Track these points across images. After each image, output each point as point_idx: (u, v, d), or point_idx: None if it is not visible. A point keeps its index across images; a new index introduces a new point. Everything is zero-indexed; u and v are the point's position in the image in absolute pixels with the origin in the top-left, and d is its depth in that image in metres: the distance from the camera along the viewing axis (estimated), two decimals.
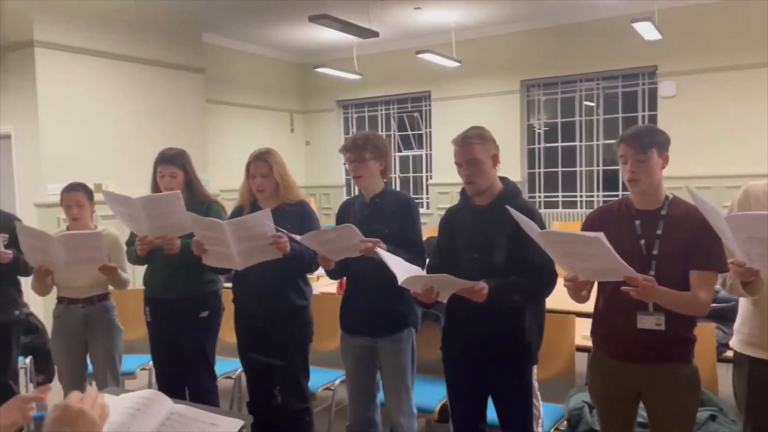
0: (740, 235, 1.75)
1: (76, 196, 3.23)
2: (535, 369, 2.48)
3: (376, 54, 9.42)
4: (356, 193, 2.92)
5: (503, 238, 2.35)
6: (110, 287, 3.34)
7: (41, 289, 3.20)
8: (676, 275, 2.02)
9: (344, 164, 2.78)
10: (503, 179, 2.51)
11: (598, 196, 8.75)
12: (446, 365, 2.55)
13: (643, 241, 2.11)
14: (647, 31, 6.85)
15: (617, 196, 8.63)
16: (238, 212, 3.02)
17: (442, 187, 9.22)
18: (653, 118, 8.09)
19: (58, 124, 5.53)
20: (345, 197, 10.61)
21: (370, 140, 2.73)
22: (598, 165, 8.72)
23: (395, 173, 10.16)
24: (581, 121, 8.78)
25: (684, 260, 2.04)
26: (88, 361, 3.39)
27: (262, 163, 2.92)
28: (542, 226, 2.39)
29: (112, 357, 3.33)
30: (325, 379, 3.35)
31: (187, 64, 6.78)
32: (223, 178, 7.17)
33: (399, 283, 2.24)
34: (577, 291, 2.06)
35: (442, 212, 2.73)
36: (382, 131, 10.33)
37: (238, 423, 1.40)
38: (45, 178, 5.44)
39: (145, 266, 3.28)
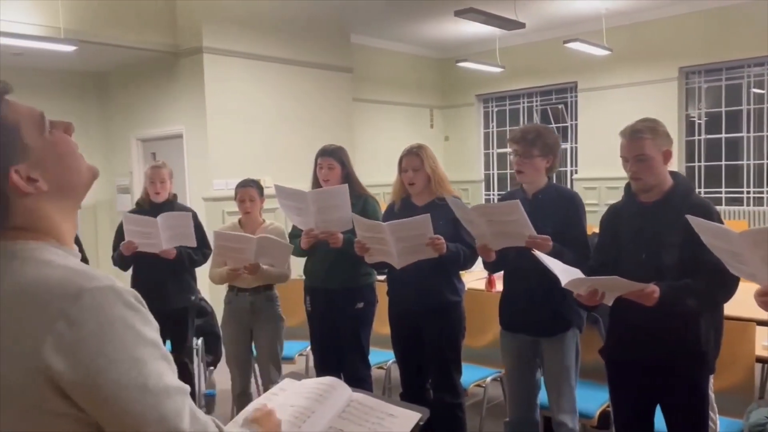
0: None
1: (250, 192, 3.49)
2: (711, 379, 2.29)
3: (520, 45, 9.20)
4: (496, 188, 2.87)
5: (675, 238, 2.19)
6: None
7: (221, 281, 3.50)
8: None
9: (509, 155, 2.72)
10: (674, 174, 2.35)
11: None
12: (611, 370, 2.44)
13: None
14: None
15: None
16: (390, 208, 3.09)
17: (588, 182, 8.82)
18: None
19: (223, 123, 5.98)
20: (484, 193, 10.50)
21: (541, 136, 2.65)
22: None
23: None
24: (749, 110, 7.99)
25: None
26: (253, 346, 3.64)
27: (414, 157, 2.97)
28: (720, 223, 2.21)
29: (274, 344, 3.55)
30: (476, 376, 3.33)
31: (336, 64, 7.05)
32: (366, 173, 7.38)
33: (563, 284, 2.17)
34: None
35: (589, 209, 2.59)
36: (523, 124, 10.07)
37: (416, 416, 1.43)
38: (211, 174, 5.91)
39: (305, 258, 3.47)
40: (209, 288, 4.51)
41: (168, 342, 3.70)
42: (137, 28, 5.78)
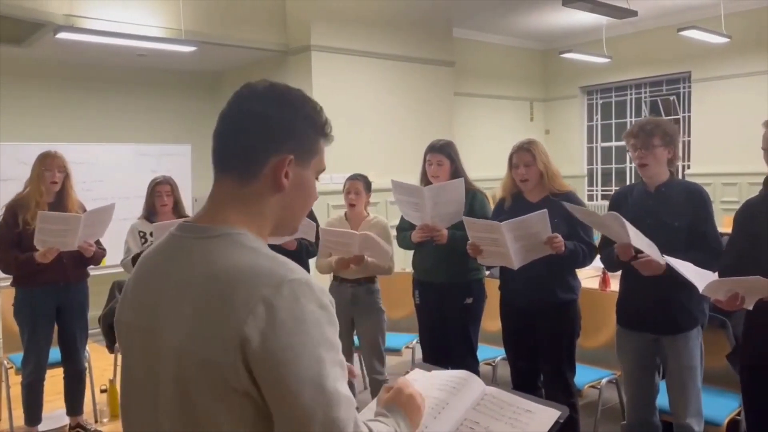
0: None
1: (356, 185, 3.57)
2: None
3: (628, 35, 8.80)
4: (600, 183, 2.78)
5: None
6: None
7: (329, 271, 3.63)
8: None
9: (627, 151, 2.63)
10: None
11: None
12: (745, 377, 2.30)
13: None
14: None
15: None
16: (500, 205, 3.06)
17: (701, 178, 8.30)
18: None
19: (330, 119, 6.13)
20: (587, 188, 10.15)
21: (659, 126, 2.56)
22: None
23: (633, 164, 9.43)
24: None
25: None
26: (355, 336, 3.72)
27: (525, 153, 2.92)
28: None
29: (375, 335, 3.61)
30: (590, 377, 3.24)
31: (438, 59, 7.04)
32: (467, 167, 7.32)
33: (701, 291, 2.07)
34: None
35: None
36: (630, 117, 9.66)
37: (555, 413, 1.41)
38: None
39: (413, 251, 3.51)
40: (315, 278, 4.65)
41: None
42: (251, 28, 6.03)
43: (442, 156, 3.32)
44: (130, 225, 3.65)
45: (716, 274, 2.30)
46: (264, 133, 1.02)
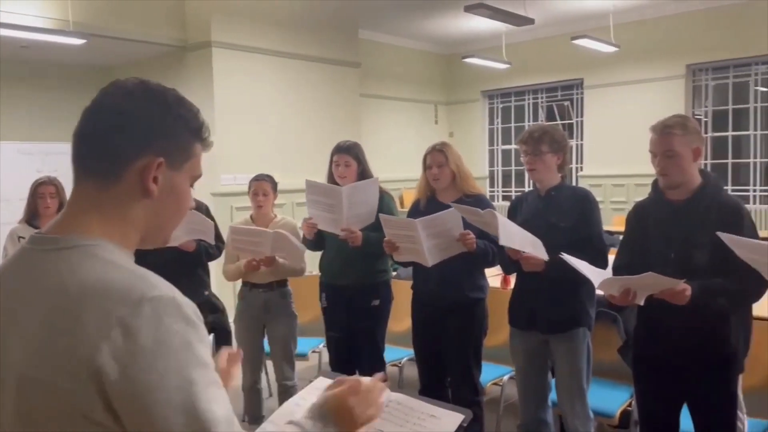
0: None
1: (264, 186, 3.46)
2: (740, 378, 2.27)
3: (526, 42, 9.17)
4: (500, 184, 2.88)
5: (705, 237, 2.16)
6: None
7: (237, 277, 3.47)
8: None
9: (521, 156, 2.73)
10: (703, 172, 2.32)
11: None
12: (637, 369, 2.41)
13: None
14: None
15: None
16: (416, 205, 3.08)
17: (593, 179, 8.80)
18: None
19: (231, 118, 5.94)
20: (488, 189, 10.48)
21: (548, 133, 2.65)
22: None
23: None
24: (756, 107, 7.98)
25: None
26: (265, 342, 3.61)
27: (438, 154, 2.97)
28: (751, 224, 2.20)
29: (287, 341, 3.52)
30: (493, 374, 3.31)
31: (344, 59, 7.01)
32: (372, 169, 7.35)
33: (596, 286, 2.15)
34: None
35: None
36: (528, 121, 10.07)
37: (459, 417, 1.40)
38: (219, 169, 5.87)
39: (320, 253, 3.45)
40: (218, 285, 4.48)
41: None
42: (146, 22, 5.74)
43: (350, 157, 3.29)
44: (10, 229, 3.36)
45: (610, 271, 2.41)
46: (129, 132, 0.91)
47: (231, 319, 3.76)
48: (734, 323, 2.19)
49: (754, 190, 8.07)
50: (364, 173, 3.31)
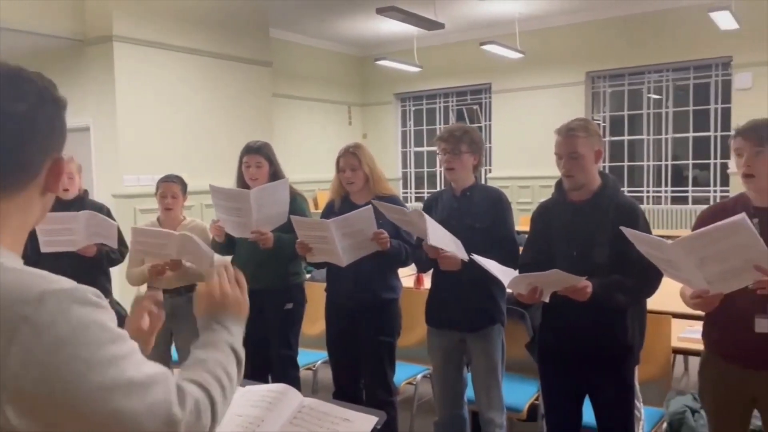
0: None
1: (173, 188, 3.32)
2: (636, 370, 2.40)
3: (437, 46, 9.35)
4: (413, 186, 2.93)
5: (605, 236, 2.27)
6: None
7: (141, 281, 3.31)
8: None
9: (437, 154, 2.77)
10: (602, 174, 2.43)
11: (666, 191, 8.50)
12: (542, 364, 2.50)
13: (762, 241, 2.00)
14: (724, 20, 6.57)
15: (686, 192, 8.37)
16: (330, 206, 3.06)
17: (501, 181, 9.08)
18: (726, 111, 7.81)
19: (134, 117, 5.68)
20: (402, 191, 10.61)
21: (467, 133, 2.70)
22: (666, 160, 8.46)
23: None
24: (649, 114, 8.52)
25: None
26: (173, 350, 3.47)
27: (351, 157, 2.95)
28: (646, 223, 2.33)
29: None
30: (407, 374, 3.34)
31: (256, 58, 6.87)
32: (285, 170, 7.25)
33: (506, 285, 2.21)
34: (709, 307, 1.95)
35: None
36: (439, 124, 10.27)
37: (373, 420, 1.40)
38: (121, 170, 5.60)
39: (230, 257, 3.35)
40: (121, 292, 4.27)
41: None
42: (40, 13, 5.37)
43: (261, 157, 3.22)
44: None
45: (517, 270, 2.48)
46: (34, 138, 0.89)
47: None
48: (630, 318, 2.31)
49: (648, 191, 8.62)
50: (276, 174, 3.25)
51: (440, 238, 2.51)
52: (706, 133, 8.09)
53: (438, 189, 10.15)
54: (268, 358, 3.26)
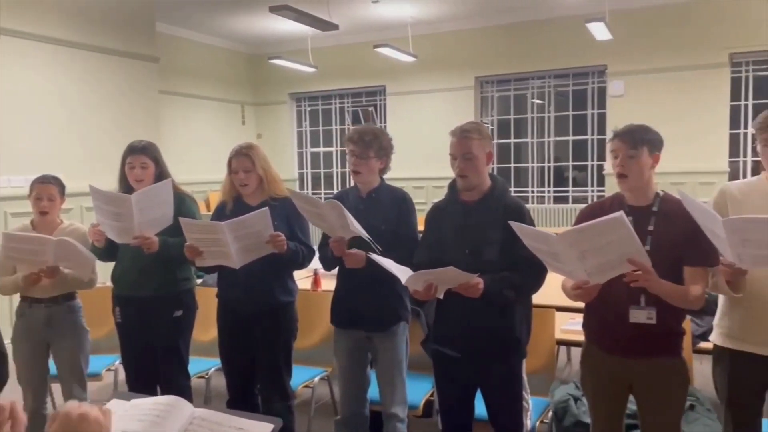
0: (735, 238, 1.82)
1: (49, 189, 3.09)
2: (524, 363, 2.51)
3: (332, 47, 9.34)
4: (310, 187, 2.92)
5: (495, 235, 2.37)
6: None
7: (14, 291, 3.08)
8: (666, 270, 2.07)
9: (347, 154, 2.77)
10: (492, 175, 2.53)
11: (549, 192, 8.98)
12: (436, 360, 2.56)
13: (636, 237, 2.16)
14: (599, 31, 7.06)
15: (567, 192, 8.90)
16: (221, 208, 2.96)
17: (396, 182, 9.16)
18: (602, 117, 8.37)
19: (6, 113, 5.22)
20: (297, 191, 10.48)
21: (377, 138, 2.71)
22: (548, 162, 8.95)
23: (348, 167, 10.13)
24: (533, 118, 8.98)
25: (674, 256, 2.10)
26: (51, 362, 3.24)
27: (244, 158, 2.87)
28: (532, 223, 2.44)
29: (77, 359, 3.19)
30: (304, 377, 3.30)
31: (141, 53, 6.53)
32: (174, 170, 6.95)
33: (403, 282, 2.24)
34: (588, 297, 2.07)
35: None
36: (335, 125, 10.28)
37: (269, 426, 1.36)
38: None
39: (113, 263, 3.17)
40: None
41: None
42: None
43: (146, 158, 3.06)
44: None
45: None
46: None
47: (8, 339, 3.30)
48: (518, 313, 2.42)
49: (532, 192, 9.07)
50: (161, 175, 3.10)
51: (358, 227, 2.51)
52: (584, 136, 8.64)
53: (335, 190, 10.17)
54: (156, 369, 3.10)
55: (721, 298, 2.30)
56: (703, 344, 2.78)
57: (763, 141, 2.13)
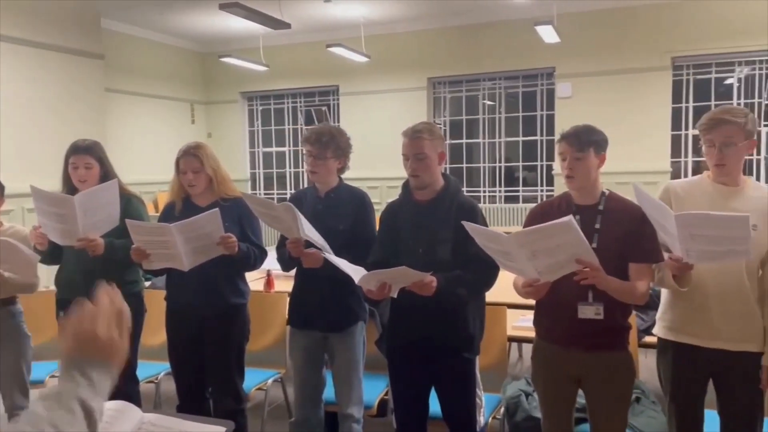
0: (684, 233, 1.89)
1: None
2: (477, 360, 2.55)
3: (284, 46, 9.26)
4: (263, 187, 2.90)
5: (448, 234, 2.39)
6: None
7: None
8: (613, 267, 2.13)
9: (304, 154, 2.75)
10: (444, 175, 2.56)
11: (500, 191, 9.13)
12: (391, 359, 2.57)
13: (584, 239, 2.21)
14: (547, 33, 7.21)
15: (517, 192, 9.06)
16: (169, 209, 2.89)
17: (351, 182, 9.18)
18: (551, 118, 8.56)
19: None
20: (249, 191, 10.35)
21: (334, 139, 2.70)
22: (499, 162, 9.09)
23: (301, 167, 10.06)
24: (484, 119, 9.11)
25: (620, 253, 2.17)
26: None
27: (192, 158, 2.80)
28: (484, 222, 2.48)
29: (18, 365, 3.08)
30: (257, 379, 3.26)
31: (86, 50, 6.33)
32: (121, 170, 6.77)
33: (356, 282, 2.24)
34: (539, 295, 2.11)
35: None
36: (288, 124, 10.19)
37: (220, 429, 1.34)
38: None
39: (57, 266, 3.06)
40: None
41: None
42: None
43: (90, 158, 2.97)
44: None
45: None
46: None
47: None
48: (471, 311, 2.44)
49: (484, 191, 9.20)
50: (106, 176, 3.01)
51: (311, 231, 2.50)
52: (533, 137, 8.82)
53: (288, 190, 10.08)
54: None
55: (663, 292, 2.38)
56: (647, 338, 2.86)
57: (708, 142, 2.21)
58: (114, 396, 2.92)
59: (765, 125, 7.85)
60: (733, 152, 2.17)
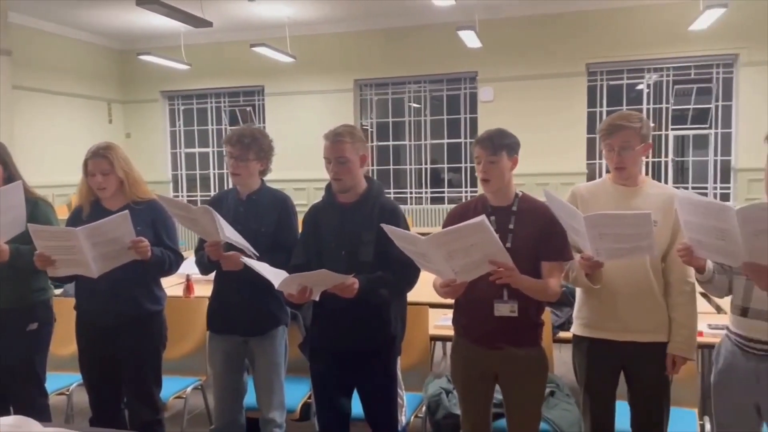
0: (594, 232, 1.98)
1: None
2: (399, 360, 2.57)
3: (206, 44, 9.06)
4: (185, 189, 2.84)
5: (370, 236, 2.40)
6: None
7: None
8: (526, 266, 2.20)
9: (225, 156, 2.69)
10: (368, 178, 2.57)
11: (426, 192, 9.25)
12: (313, 362, 2.55)
13: (498, 236, 2.28)
14: (469, 38, 7.38)
15: (443, 193, 9.22)
16: (77, 213, 2.76)
17: (277, 184, 8.98)
18: (474, 121, 8.76)
19: None
20: (172, 194, 10.04)
21: (257, 140, 2.66)
22: (425, 163, 9.22)
23: (226, 169, 9.86)
24: (410, 121, 9.21)
25: (533, 252, 2.25)
26: None
27: (101, 160, 2.68)
28: (406, 224, 2.50)
29: None
30: (175, 387, 3.16)
31: None
32: (32, 172, 6.41)
33: (276, 287, 2.21)
34: (456, 294, 2.15)
35: None
36: (212, 125, 9.97)
37: None
38: None
39: None
40: None
41: None
42: None
43: None
44: None
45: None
46: None
47: None
48: (393, 311, 2.46)
49: (410, 192, 9.31)
50: (11, 178, 2.84)
51: (232, 233, 2.45)
52: (458, 140, 8.99)
53: (212, 192, 9.84)
54: (9, 387, 2.85)
55: (578, 291, 2.48)
56: (562, 334, 2.97)
57: (607, 146, 2.33)
58: (21, 410, 2.78)
59: (672, 129, 8.33)
60: (630, 155, 2.30)
